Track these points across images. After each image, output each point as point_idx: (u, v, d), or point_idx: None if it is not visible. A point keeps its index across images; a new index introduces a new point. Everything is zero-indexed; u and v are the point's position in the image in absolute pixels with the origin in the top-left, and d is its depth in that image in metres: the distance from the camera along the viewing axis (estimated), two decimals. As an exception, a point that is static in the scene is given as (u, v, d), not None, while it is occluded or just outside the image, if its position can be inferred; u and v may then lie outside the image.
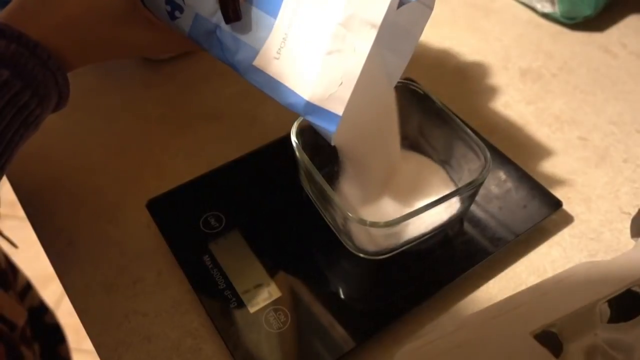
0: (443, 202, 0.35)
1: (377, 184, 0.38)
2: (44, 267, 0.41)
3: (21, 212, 0.43)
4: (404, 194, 0.38)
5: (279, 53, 0.30)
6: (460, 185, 0.39)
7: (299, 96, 0.30)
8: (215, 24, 0.32)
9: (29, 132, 0.33)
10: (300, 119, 0.39)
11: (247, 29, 0.31)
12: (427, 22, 0.33)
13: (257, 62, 0.31)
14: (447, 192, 0.36)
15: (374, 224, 0.34)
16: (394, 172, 0.39)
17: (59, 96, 0.35)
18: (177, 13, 0.33)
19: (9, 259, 0.58)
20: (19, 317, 0.49)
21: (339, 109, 0.29)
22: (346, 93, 0.29)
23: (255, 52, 0.31)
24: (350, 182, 0.39)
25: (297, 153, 0.37)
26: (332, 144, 0.32)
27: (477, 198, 0.41)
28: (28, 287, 0.59)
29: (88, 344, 0.36)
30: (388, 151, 0.38)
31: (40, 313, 0.60)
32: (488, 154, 0.36)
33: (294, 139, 0.37)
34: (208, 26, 0.32)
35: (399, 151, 0.39)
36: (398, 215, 0.34)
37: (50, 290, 0.63)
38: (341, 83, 0.29)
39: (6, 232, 0.56)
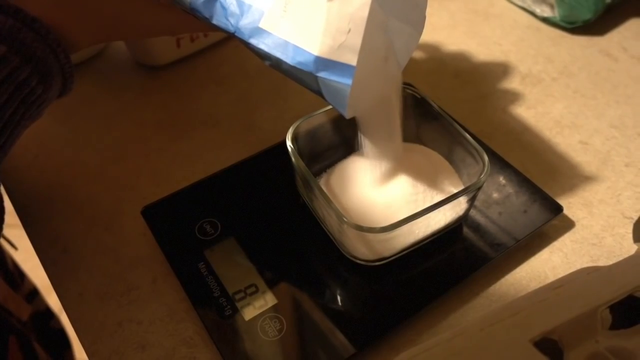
0: (440, 206, 0.34)
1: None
2: (45, 276, 0.40)
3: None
4: (407, 195, 0.38)
5: (285, 10, 0.29)
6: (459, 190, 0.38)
7: (307, 52, 0.28)
8: None
9: (31, 112, 0.32)
10: (296, 124, 0.38)
11: None
12: None
13: (263, 23, 0.30)
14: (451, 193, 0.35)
15: (370, 229, 0.33)
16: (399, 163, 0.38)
17: (64, 76, 0.34)
18: None
19: (16, 264, 0.58)
20: (23, 312, 0.49)
21: (351, 59, 0.28)
22: (356, 40, 0.27)
23: (261, 13, 0.30)
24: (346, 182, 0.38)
25: (292, 158, 0.37)
26: (347, 116, 0.30)
27: (477, 203, 0.40)
28: (35, 292, 0.59)
29: (84, 355, 0.36)
30: (393, 133, 0.37)
31: (46, 318, 0.60)
32: (486, 158, 0.36)
33: (289, 144, 0.37)
34: None
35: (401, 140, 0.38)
36: (396, 220, 0.33)
37: (52, 300, 0.63)
38: (349, 30, 0.27)
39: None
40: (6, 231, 0.43)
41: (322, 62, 0.28)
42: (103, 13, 0.34)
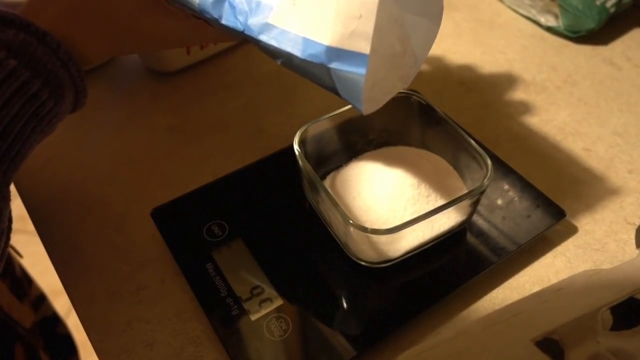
0: (444, 209, 0.35)
1: None
2: (52, 281, 0.41)
3: (31, 227, 0.43)
4: (412, 199, 0.38)
5: (294, 3, 0.28)
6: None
7: (318, 44, 0.28)
8: None
9: (42, 126, 0.32)
10: (303, 128, 0.39)
11: None
12: None
13: (272, 19, 0.29)
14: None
15: (375, 231, 0.34)
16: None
17: (76, 90, 0.34)
18: None
19: (24, 270, 0.59)
20: (27, 320, 0.49)
21: (364, 47, 0.26)
22: (368, 26, 0.26)
23: (270, 9, 0.29)
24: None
25: (299, 161, 0.37)
26: (364, 111, 0.29)
27: (480, 208, 0.41)
28: (42, 298, 0.60)
29: (94, 359, 0.37)
30: None
31: (53, 324, 0.60)
32: (489, 162, 0.36)
33: (296, 147, 0.38)
34: None
35: None
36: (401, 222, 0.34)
37: (58, 305, 0.64)
38: (360, 16, 0.26)
39: (17, 247, 0.57)
40: (14, 237, 0.44)
41: (334, 52, 0.27)
42: (114, 27, 0.34)
